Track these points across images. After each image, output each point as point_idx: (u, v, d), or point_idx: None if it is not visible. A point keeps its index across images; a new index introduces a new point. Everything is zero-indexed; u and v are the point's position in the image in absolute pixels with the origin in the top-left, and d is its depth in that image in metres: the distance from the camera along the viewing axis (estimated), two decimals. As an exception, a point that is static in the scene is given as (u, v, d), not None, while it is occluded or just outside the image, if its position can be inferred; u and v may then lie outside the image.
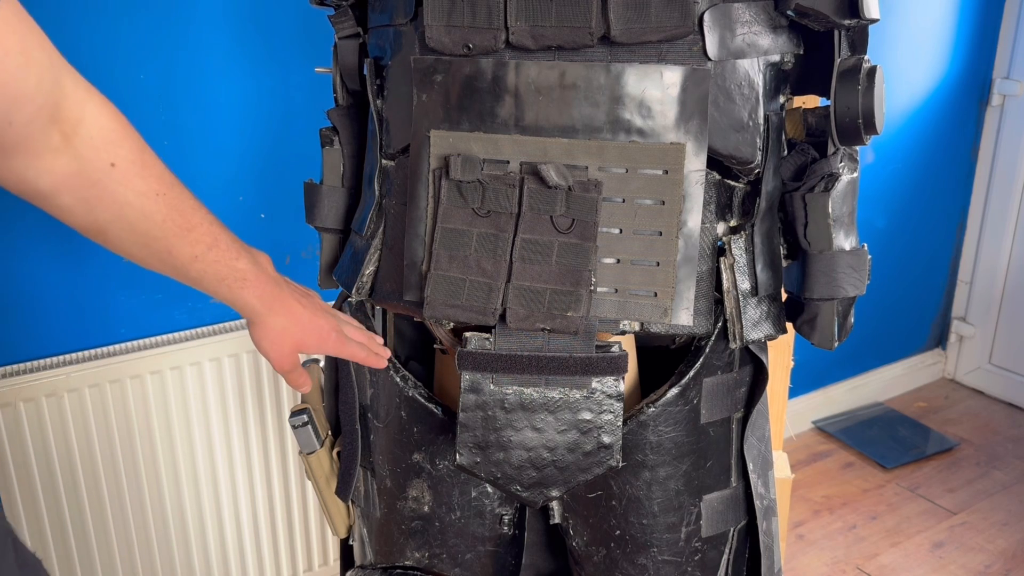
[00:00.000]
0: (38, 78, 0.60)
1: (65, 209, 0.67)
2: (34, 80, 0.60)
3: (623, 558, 0.92)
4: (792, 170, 0.89)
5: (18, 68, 0.59)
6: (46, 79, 0.61)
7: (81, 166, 0.66)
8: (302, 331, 0.86)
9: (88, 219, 0.69)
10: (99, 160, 0.67)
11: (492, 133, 0.80)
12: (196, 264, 0.75)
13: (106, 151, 0.67)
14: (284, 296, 0.84)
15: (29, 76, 0.60)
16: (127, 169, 0.68)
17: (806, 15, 0.82)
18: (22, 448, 1.45)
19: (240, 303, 0.81)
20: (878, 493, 2.39)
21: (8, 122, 0.60)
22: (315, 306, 0.87)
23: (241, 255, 0.79)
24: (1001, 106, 2.76)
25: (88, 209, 0.68)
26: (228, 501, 1.69)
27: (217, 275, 0.77)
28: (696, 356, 0.87)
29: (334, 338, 0.87)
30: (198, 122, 1.54)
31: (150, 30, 1.45)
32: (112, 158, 0.67)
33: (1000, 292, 2.88)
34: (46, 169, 0.64)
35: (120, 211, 0.69)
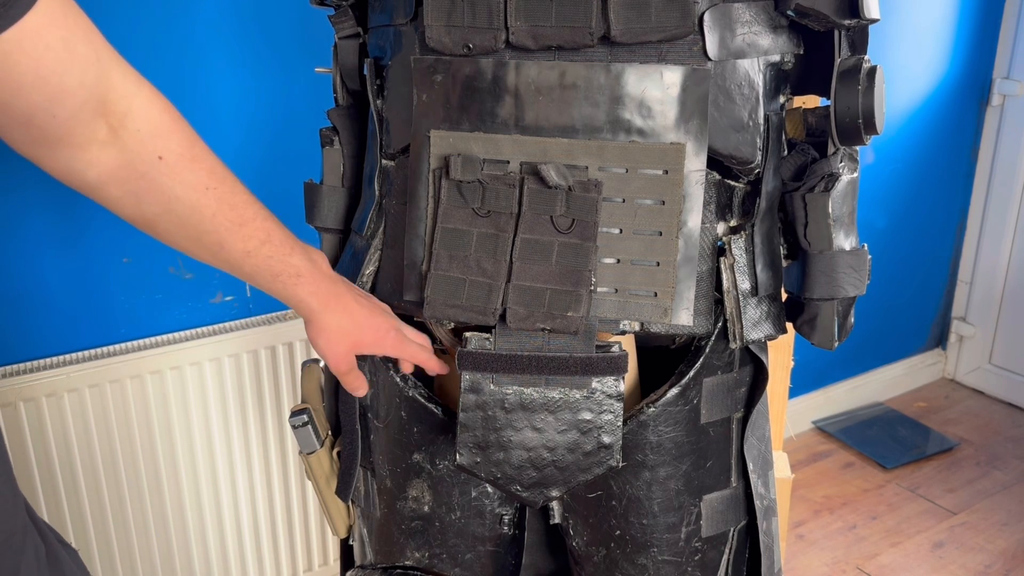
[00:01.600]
0: (81, 73, 0.60)
1: (113, 201, 0.67)
2: (77, 75, 0.60)
3: (623, 558, 0.92)
4: (792, 170, 0.89)
5: (59, 63, 0.59)
6: (90, 73, 0.61)
7: (128, 159, 0.66)
8: (359, 330, 0.84)
9: (137, 211, 0.69)
10: (146, 153, 0.66)
11: (492, 133, 0.80)
12: (249, 260, 0.75)
13: (153, 144, 0.67)
14: (341, 294, 0.83)
15: (72, 71, 0.60)
16: (175, 163, 0.68)
17: (806, 15, 0.82)
18: (22, 448, 1.45)
19: (295, 300, 0.80)
20: (878, 493, 2.39)
21: (51, 115, 0.60)
22: (373, 305, 0.86)
23: (295, 251, 0.78)
24: (1001, 106, 2.76)
25: (137, 201, 0.68)
26: (228, 501, 1.69)
27: (271, 271, 0.77)
28: (696, 356, 0.87)
29: (393, 337, 0.86)
30: (198, 122, 1.53)
31: (150, 30, 1.45)
32: (160, 151, 0.67)
33: (1000, 292, 2.88)
34: (92, 161, 0.64)
35: (169, 205, 0.69)
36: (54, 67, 0.58)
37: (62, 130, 0.61)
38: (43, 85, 0.58)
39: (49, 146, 0.62)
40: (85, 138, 0.63)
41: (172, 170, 0.68)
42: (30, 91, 0.58)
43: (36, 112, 0.59)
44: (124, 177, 0.66)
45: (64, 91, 0.60)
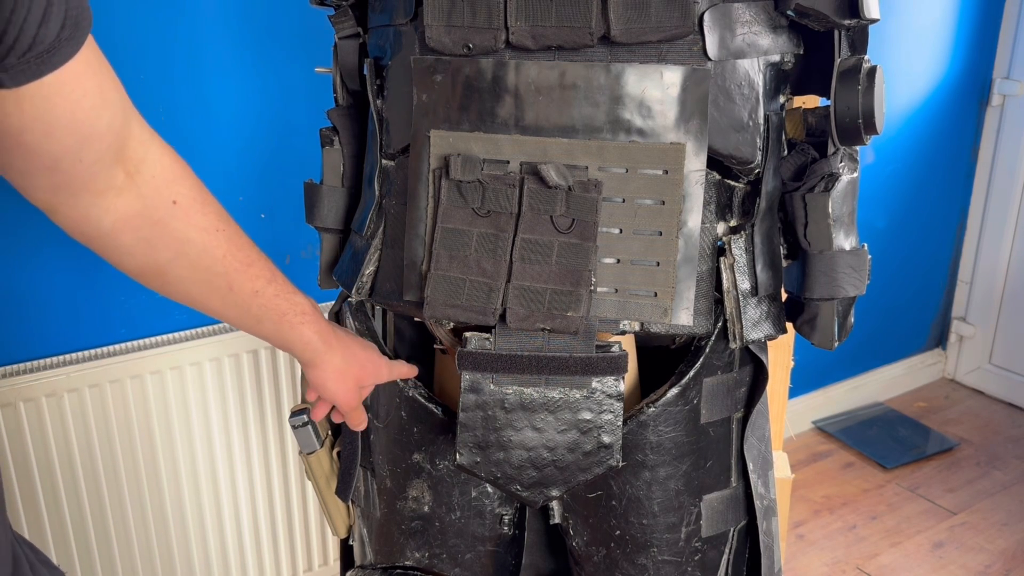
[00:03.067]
0: (110, 118, 0.62)
1: (125, 249, 0.68)
2: (107, 120, 0.61)
3: (623, 558, 0.91)
4: (792, 170, 0.89)
5: (93, 108, 0.60)
6: (117, 119, 0.62)
7: (144, 204, 0.67)
8: (360, 366, 0.87)
9: (149, 259, 0.69)
10: (161, 198, 0.68)
11: (492, 133, 0.80)
12: (257, 299, 0.76)
13: (168, 189, 0.68)
14: (338, 333, 0.85)
15: (103, 116, 0.61)
16: (188, 206, 0.70)
17: (806, 15, 0.82)
18: (22, 448, 1.45)
19: (301, 341, 0.81)
20: (878, 493, 2.39)
21: (78, 159, 0.61)
22: (360, 341, 0.89)
23: (297, 291, 0.80)
24: (1001, 106, 2.76)
25: (149, 248, 0.68)
26: (228, 501, 1.69)
27: (278, 310, 0.78)
28: (696, 356, 0.87)
29: (385, 366, 0.90)
30: (198, 122, 1.54)
31: (150, 30, 1.45)
32: (174, 195, 0.69)
33: (1000, 292, 2.88)
34: (110, 208, 0.65)
35: (181, 248, 0.70)
36: (88, 112, 0.59)
37: (86, 175, 0.62)
38: (76, 128, 0.59)
39: (71, 192, 0.63)
40: (105, 184, 0.64)
41: (185, 214, 0.70)
42: (63, 134, 0.58)
43: (65, 156, 0.60)
44: (138, 224, 0.67)
45: (94, 135, 0.61)
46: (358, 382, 0.87)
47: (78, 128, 0.59)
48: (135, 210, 0.66)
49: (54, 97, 0.57)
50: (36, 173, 0.61)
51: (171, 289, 0.73)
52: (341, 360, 0.85)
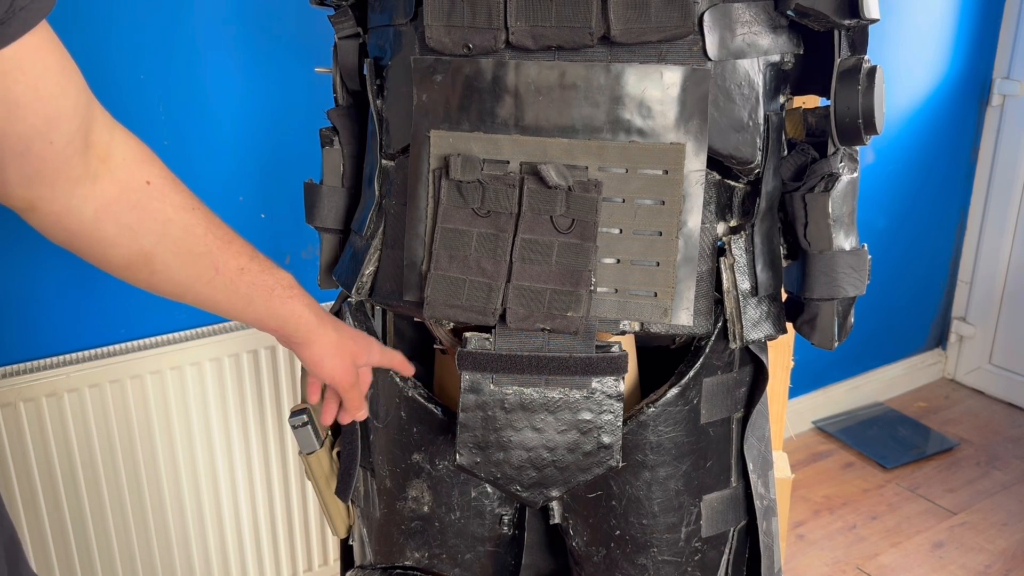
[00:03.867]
0: (76, 98, 0.61)
1: (109, 239, 0.67)
2: (73, 98, 0.60)
3: (623, 558, 0.91)
4: (792, 170, 0.89)
5: (58, 85, 0.58)
6: (81, 100, 0.61)
7: (121, 188, 0.66)
8: (353, 341, 0.86)
9: (133, 247, 0.68)
10: (135, 180, 0.67)
11: (492, 133, 0.80)
12: (244, 276, 0.74)
13: (140, 170, 0.67)
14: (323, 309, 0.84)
15: (69, 93, 0.60)
16: (162, 185, 0.68)
17: (806, 15, 0.82)
18: (22, 448, 1.45)
19: (295, 315, 0.79)
20: (878, 493, 2.39)
21: (48, 141, 0.59)
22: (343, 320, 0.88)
23: (277, 266, 0.78)
24: (1001, 106, 2.76)
25: (132, 235, 0.67)
26: (228, 501, 1.69)
27: (266, 285, 0.76)
28: (696, 356, 0.87)
29: (376, 345, 0.88)
30: (198, 122, 1.54)
31: (150, 30, 1.45)
32: (147, 176, 0.67)
33: (1000, 292, 2.88)
34: (88, 195, 0.64)
35: (164, 228, 0.69)
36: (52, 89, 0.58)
37: (60, 160, 0.61)
38: (41, 107, 0.58)
39: (47, 182, 0.61)
40: (80, 170, 0.63)
41: (162, 193, 0.68)
42: (28, 113, 0.57)
43: (35, 138, 0.58)
44: (119, 210, 0.66)
45: (61, 115, 0.59)
46: (353, 358, 0.85)
47: (44, 106, 0.58)
48: (113, 195, 0.65)
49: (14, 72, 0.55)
50: (7, 162, 0.59)
51: (158, 279, 0.71)
52: (335, 333, 0.83)
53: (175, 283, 0.72)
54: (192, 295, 0.73)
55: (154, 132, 1.49)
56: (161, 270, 0.70)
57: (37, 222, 0.64)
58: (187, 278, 0.72)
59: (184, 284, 0.72)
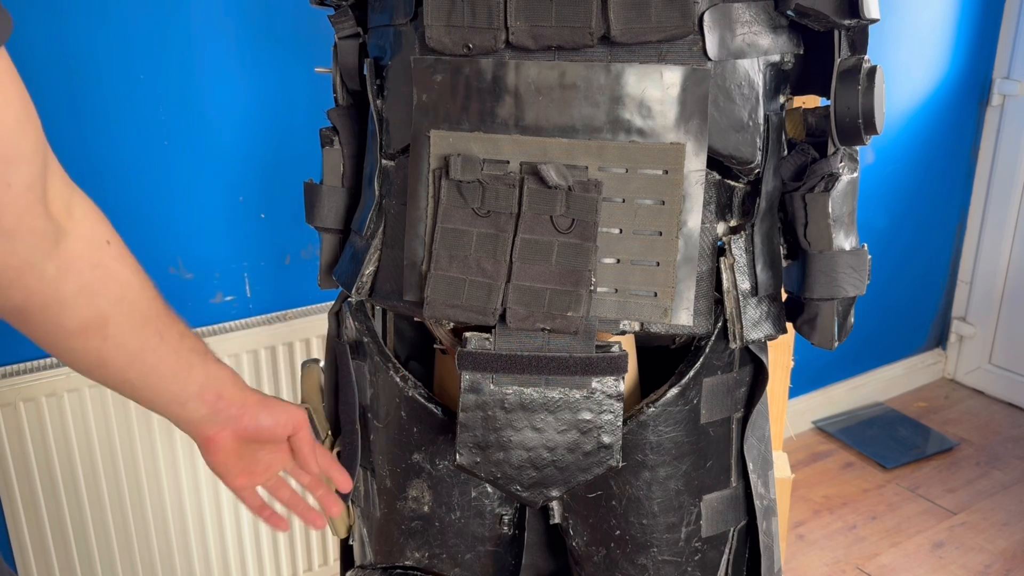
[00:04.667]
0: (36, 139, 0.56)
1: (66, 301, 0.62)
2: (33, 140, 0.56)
3: (623, 558, 0.91)
4: (792, 170, 0.89)
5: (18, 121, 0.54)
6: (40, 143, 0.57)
7: (84, 246, 0.62)
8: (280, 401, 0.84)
9: (91, 309, 0.64)
10: (98, 239, 0.64)
11: (492, 133, 0.80)
12: (185, 341, 0.72)
13: (100, 229, 0.64)
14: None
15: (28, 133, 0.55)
16: (119, 245, 0.66)
17: (806, 15, 0.82)
18: (22, 448, 1.45)
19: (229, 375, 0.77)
20: (878, 493, 2.39)
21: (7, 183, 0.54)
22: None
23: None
24: (1001, 106, 2.76)
25: (91, 296, 0.63)
26: (228, 501, 1.69)
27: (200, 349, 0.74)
28: (696, 356, 0.87)
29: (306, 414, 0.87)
30: (198, 122, 1.54)
31: (149, 30, 1.45)
32: (106, 235, 0.65)
33: (1000, 292, 2.88)
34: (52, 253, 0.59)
35: (123, 291, 0.66)
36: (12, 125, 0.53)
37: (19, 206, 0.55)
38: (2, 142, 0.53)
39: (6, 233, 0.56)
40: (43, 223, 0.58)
41: (120, 254, 0.66)
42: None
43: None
44: (80, 269, 0.62)
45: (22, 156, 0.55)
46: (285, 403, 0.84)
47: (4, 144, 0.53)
48: (77, 254, 0.61)
49: None
50: None
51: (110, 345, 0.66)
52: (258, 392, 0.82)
53: (125, 350, 0.68)
54: (138, 365, 0.69)
55: (153, 133, 1.49)
56: (115, 335, 0.66)
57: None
58: (137, 344, 0.68)
59: (133, 352, 0.68)
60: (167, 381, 0.72)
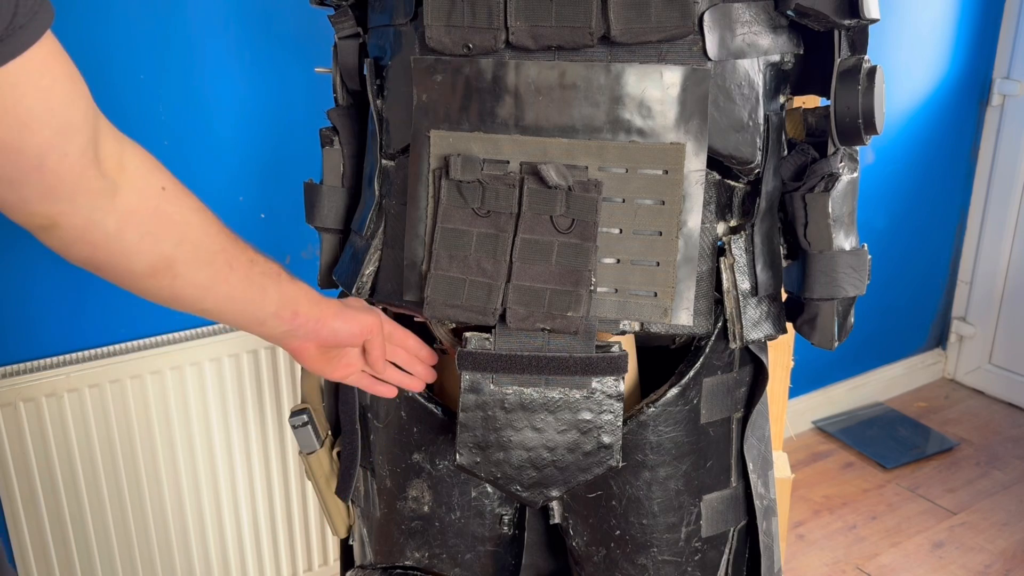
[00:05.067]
0: (85, 109, 0.60)
1: (132, 248, 0.66)
2: (83, 110, 0.60)
3: (623, 558, 0.92)
4: (792, 170, 0.89)
5: (68, 95, 0.58)
6: (91, 110, 0.61)
7: (139, 197, 0.66)
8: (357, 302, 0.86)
9: (156, 253, 0.68)
10: (152, 187, 0.67)
11: (492, 133, 0.80)
12: (255, 267, 0.75)
13: (154, 177, 0.68)
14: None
15: (79, 105, 0.60)
16: (175, 189, 0.69)
17: (806, 15, 0.82)
18: (22, 448, 1.45)
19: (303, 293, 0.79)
20: (878, 493, 2.39)
21: (64, 153, 0.59)
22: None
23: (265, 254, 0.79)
24: (1001, 106, 2.76)
25: (153, 241, 0.67)
26: (228, 501, 1.69)
27: (272, 272, 0.77)
28: (696, 356, 0.87)
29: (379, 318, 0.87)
30: (198, 122, 1.54)
31: (149, 30, 1.45)
32: (161, 182, 0.68)
33: (1000, 292, 2.88)
34: (110, 208, 0.64)
35: (183, 232, 0.69)
36: (63, 99, 0.58)
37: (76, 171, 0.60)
38: (53, 119, 0.57)
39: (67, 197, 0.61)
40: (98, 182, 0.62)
41: (176, 197, 0.69)
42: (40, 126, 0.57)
43: (49, 151, 0.58)
44: (140, 218, 0.66)
45: (73, 127, 0.59)
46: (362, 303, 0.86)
47: (55, 118, 0.57)
48: (133, 204, 0.65)
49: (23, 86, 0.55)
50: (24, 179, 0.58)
51: (181, 283, 0.71)
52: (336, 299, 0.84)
53: (196, 286, 0.71)
54: (212, 296, 0.73)
55: (154, 133, 1.49)
56: (183, 273, 0.70)
57: (58, 239, 0.64)
58: (207, 278, 0.72)
59: (205, 285, 0.72)
60: (243, 306, 0.75)
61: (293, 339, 0.82)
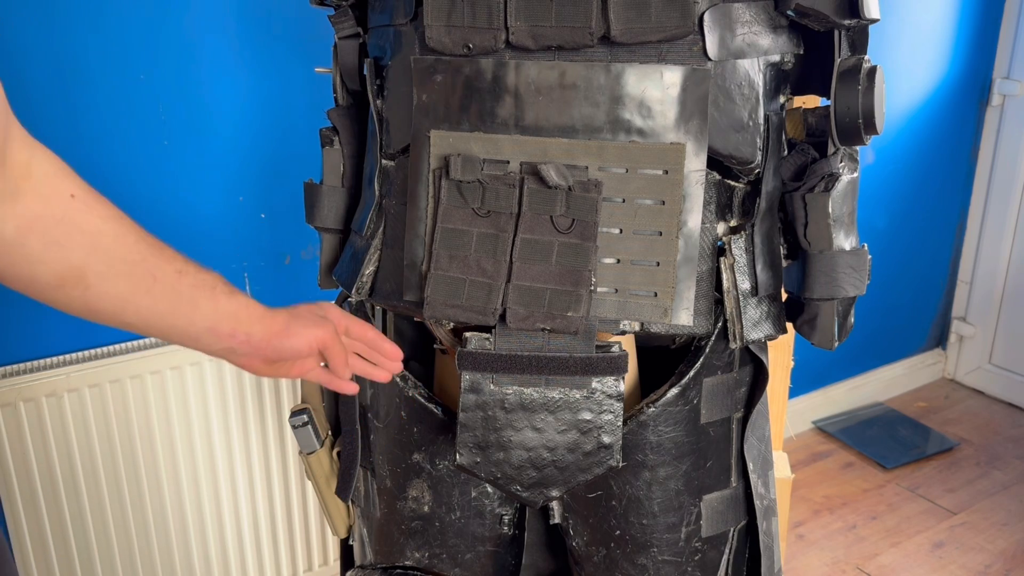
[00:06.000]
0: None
1: (35, 256, 0.63)
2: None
3: (623, 558, 0.91)
4: (792, 170, 0.89)
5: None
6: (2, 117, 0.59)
7: (44, 204, 0.63)
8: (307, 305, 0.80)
9: (63, 263, 0.64)
10: (59, 195, 0.64)
11: (492, 133, 0.80)
12: (184, 278, 0.70)
13: (63, 184, 0.65)
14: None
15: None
16: (86, 198, 0.66)
17: (806, 15, 0.82)
18: (22, 448, 1.45)
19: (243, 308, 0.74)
20: (878, 493, 2.39)
21: None
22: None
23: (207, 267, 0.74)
24: (1001, 106, 2.76)
25: (60, 250, 0.64)
26: (228, 501, 1.69)
27: (207, 284, 0.72)
28: (696, 356, 0.87)
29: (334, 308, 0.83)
30: (198, 122, 1.54)
31: (149, 31, 1.45)
32: (70, 190, 0.65)
33: (1000, 292, 2.87)
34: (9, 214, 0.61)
35: (94, 241, 0.66)
36: None
37: None
38: None
39: None
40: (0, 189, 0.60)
41: (87, 205, 0.66)
42: None
43: None
44: (44, 226, 0.63)
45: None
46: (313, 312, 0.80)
47: None
48: (36, 212, 0.63)
49: None
50: None
51: (93, 294, 0.67)
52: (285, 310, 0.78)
53: (112, 297, 0.67)
54: (132, 309, 0.69)
55: (153, 132, 1.49)
56: (96, 284, 0.66)
57: None
58: (124, 289, 0.68)
59: (122, 296, 0.68)
60: (170, 320, 0.71)
61: (233, 356, 0.76)
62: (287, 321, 0.77)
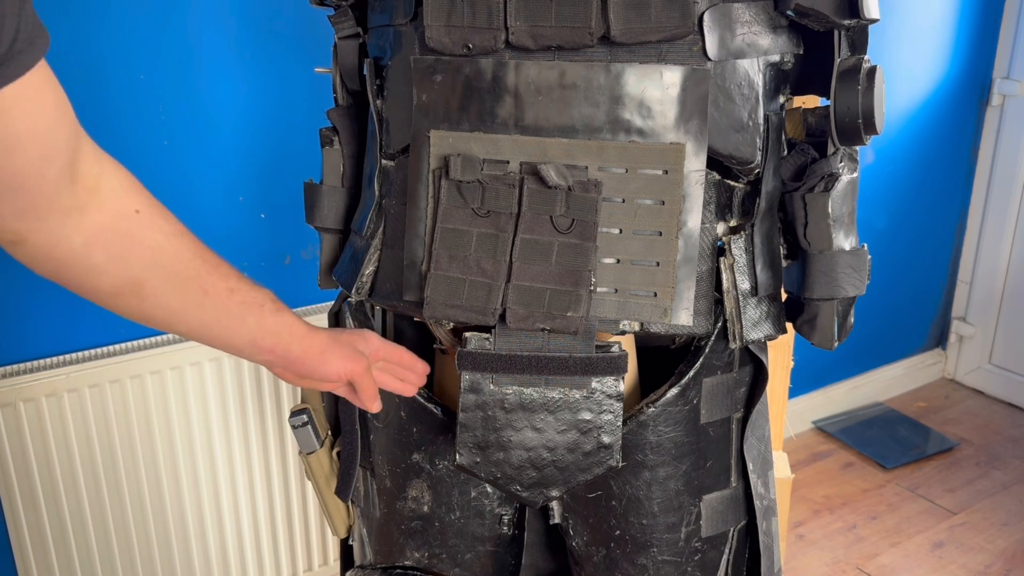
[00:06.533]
0: (68, 133, 0.61)
1: (99, 268, 0.67)
2: (65, 134, 0.61)
3: (623, 558, 0.92)
4: (792, 170, 0.89)
5: (54, 121, 0.60)
6: (73, 133, 0.62)
7: (110, 218, 0.66)
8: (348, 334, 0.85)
9: (123, 275, 0.68)
10: (125, 209, 0.67)
11: (492, 133, 0.80)
12: (234, 296, 0.75)
13: (129, 199, 0.68)
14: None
15: (62, 130, 0.61)
16: (151, 213, 0.69)
17: (806, 15, 0.82)
18: (22, 448, 1.45)
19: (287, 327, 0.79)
20: (878, 493, 2.39)
21: (42, 176, 0.60)
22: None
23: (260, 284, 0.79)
24: (1001, 106, 2.76)
25: (122, 263, 0.68)
26: (228, 501, 1.69)
27: (256, 302, 0.77)
28: (696, 356, 0.87)
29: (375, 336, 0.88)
30: (198, 122, 1.54)
31: (149, 31, 1.45)
32: (135, 205, 0.68)
33: (1000, 292, 2.88)
34: (78, 227, 0.64)
35: (154, 256, 0.69)
36: (49, 125, 0.59)
37: (51, 193, 0.61)
38: (38, 143, 0.58)
39: (37, 215, 0.62)
40: (70, 202, 0.63)
41: (151, 221, 0.69)
42: (24, 150, 0.58)
43: (29, 174, 0.59)
44: (108, 239, 0.66)
45: (56, 149, 0.60)
46: (352, 345, 0.84)
47: (40, 143, 0.59)
48: (102, 225, 0.66)
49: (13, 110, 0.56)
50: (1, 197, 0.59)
51: (148, 305, 0.71)
52: (327, 333, 0.83)
53: (165, 308, 0.72)
54: (183, 320, 0.73)
55: (153, 133, 1.49)
56: (151, 296, 0.70)
57: (24, 253, 0.64)
58: (177, 303, 0.72)
59: (174, 309, 0.72)
60: (216, 332, 0.76)
61: (271, 367, 0.82)
62: (325, 345, 0.82)
